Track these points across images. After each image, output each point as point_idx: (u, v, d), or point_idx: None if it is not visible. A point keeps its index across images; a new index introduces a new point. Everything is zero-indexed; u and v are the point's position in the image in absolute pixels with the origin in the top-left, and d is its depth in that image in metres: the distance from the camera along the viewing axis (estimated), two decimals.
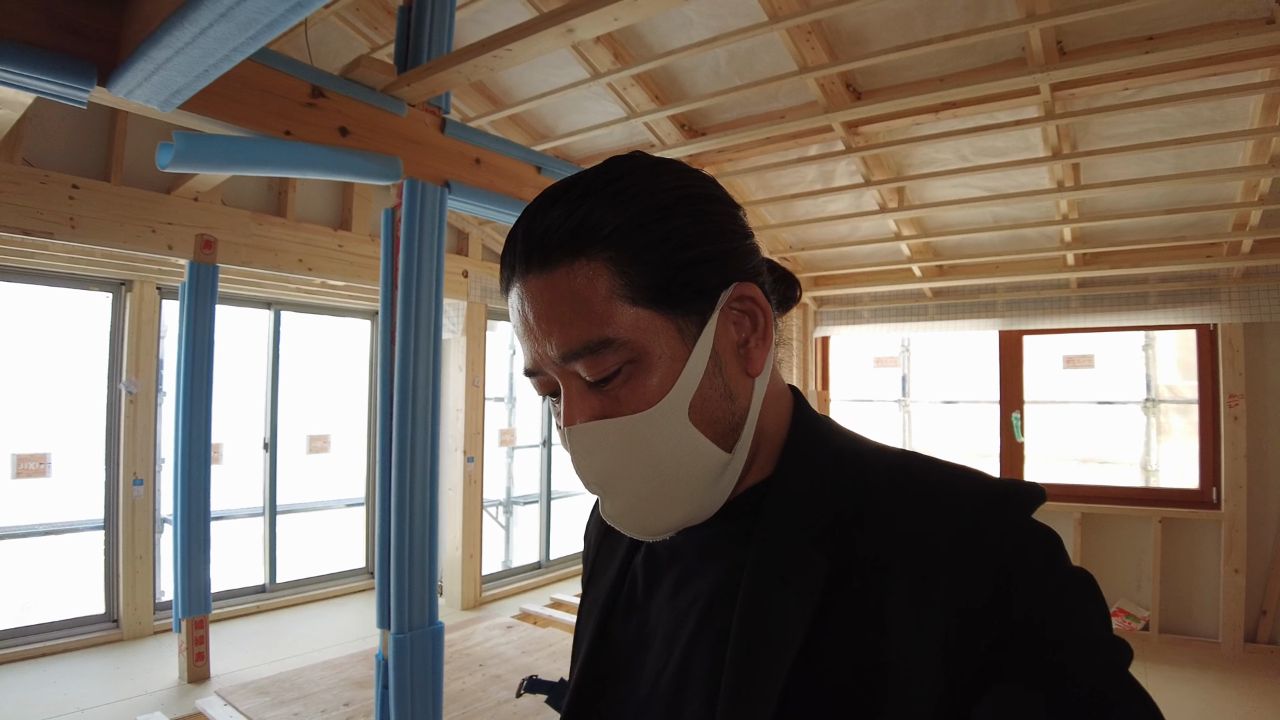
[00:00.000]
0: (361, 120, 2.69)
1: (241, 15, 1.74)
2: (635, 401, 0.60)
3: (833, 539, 0.58)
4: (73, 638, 4.57)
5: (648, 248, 0.60)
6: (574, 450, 0.63)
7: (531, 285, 0.61)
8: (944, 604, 0.52)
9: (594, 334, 0.58)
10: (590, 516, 0.90)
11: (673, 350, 0.60)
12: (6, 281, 4.47)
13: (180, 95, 2.20)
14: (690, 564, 0.68)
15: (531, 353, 0.63)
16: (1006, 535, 0.54)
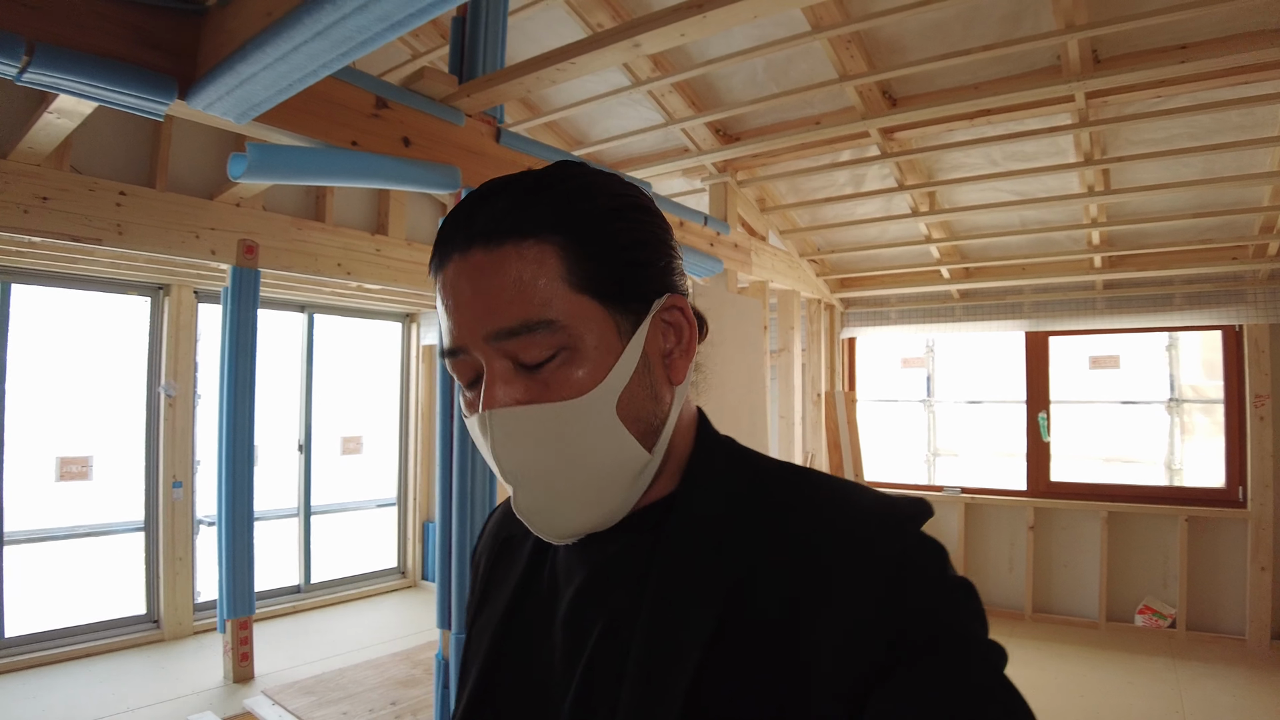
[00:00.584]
0: (423, 130, 2.76)
1: (337, 33, 1.80)
2: (566, 389, 0.59)
3: (735, 554, 0.59)
4: (116, 638, 4.64)
5: (595, 242, 0.61)
6: (494, 437, 0.60)
7: (474, 260, 0.60)
8: (838, 613, 0.53)
9: (535, 314, 0.58)
10: (478, 542, 0.88)
11: (607, 343, 0.61)
12: (50, 286, 4.54)
13: (259, 109, 2.27)
14: (589, 583, 0.66)
15: (459, 331, 0.61)
16: (895, 547, 0.55)
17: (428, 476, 6.33)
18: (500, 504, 0.87)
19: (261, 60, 1.98)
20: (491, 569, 0.79)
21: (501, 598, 0.74)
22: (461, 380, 0.64)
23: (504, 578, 0.76)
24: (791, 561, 0.57)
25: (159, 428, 4.87)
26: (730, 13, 2.13)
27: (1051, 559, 5.42)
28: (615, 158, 4.70)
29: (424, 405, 6.29)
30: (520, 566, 0.74)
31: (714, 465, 0.66)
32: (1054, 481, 5.50)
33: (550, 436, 0.60)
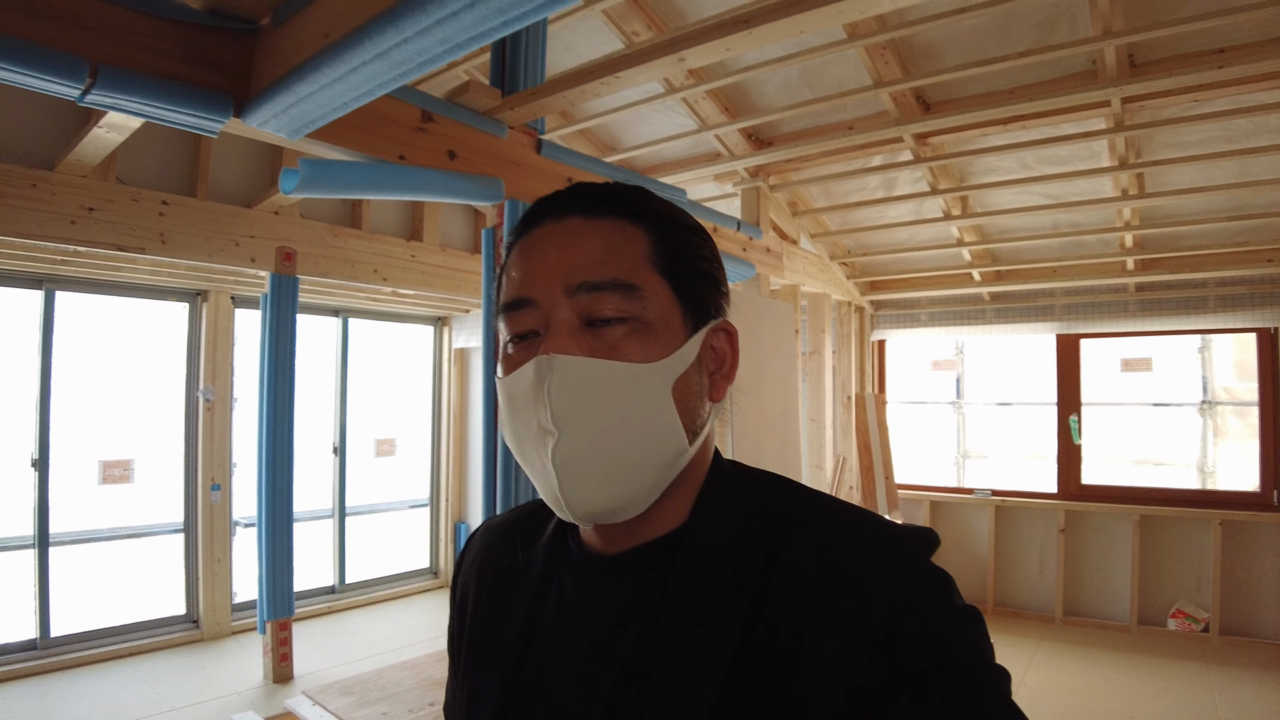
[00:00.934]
0: (467, 143, 2.80)
1: (396, 56, 1.84)
2: (633, 353, 0.61)
3: (749, 581, 0.60)
4: (157, 638, 4.73)
5: (676, 242, 0.66)
6: (553, 380, 0.60)
7: (570, 224, 0.64)
8: (850, 638, 0.54)
9: (621, 275, 0.62)
10: (459, 564, 0.86)
11: (673, 328, 0.64)
12: (92, 294, 4.63)
13: (312, 126, 2.31)
14: (603, 611, 0.66)
15: (535, 282, 0.63)
16: (906, 574, 0.57)
17: (460, 477, 6.39)
18: (479, 527, 0.87)
19: (319, 80, 2.02)
20: (484, 603, 0.77)
21: (506, 640, 0.71)
22: (512, 330, 0.65)
23: (505, 617, 0.73)
24: (802, 589, 0.58)
25: (197, 431, 4.95)
26: (777, 28, 2.15)
27: (1082, 562, 5.40)
28: (647, 163, 4.73)
29: (456, 407, 6.36)
30: (524, 605, 0.71)
31: (726, 493, 0.67)
32: (1085, 484, 5.49)
33: (607, 393, 0.60)
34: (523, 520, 0.81)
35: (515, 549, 0.78)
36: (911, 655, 0.53)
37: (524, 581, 0.74)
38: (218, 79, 2.33)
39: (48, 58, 1.96)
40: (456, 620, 0.82)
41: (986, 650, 0.56)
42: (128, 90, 2.11)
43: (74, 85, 2.03)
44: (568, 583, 0.71)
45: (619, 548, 0.68)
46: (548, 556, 0.74)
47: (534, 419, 0.61)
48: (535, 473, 0.64)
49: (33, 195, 3.53)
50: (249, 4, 2.22)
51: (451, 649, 0.83)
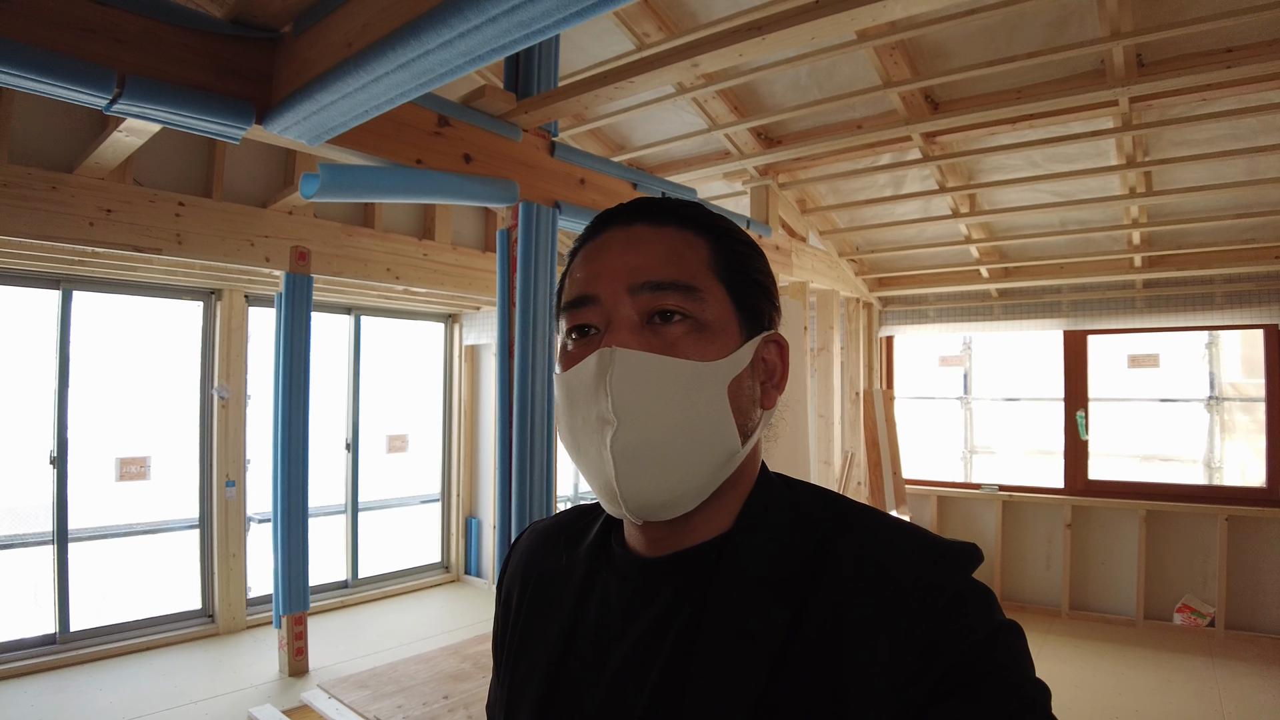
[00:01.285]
0: (482, 146, 2.84)
1: (419, 66, 1.88)
2: (691, 352, 0.64)
3: (792, 589, 0.61)
4: (173, 632, 4.80)
5: (735, 254, 0.69)
6: (615, 372, 0.62)
7: (636, 230, 0.68)
8: (894, 647, 0.55)
9: (683, 277, 0.65)
10: (505, 566, 0.87)
11: (730, 332, 0.66)
12: (108, 293, 4.68)
13: (333, 132, 2.36)
14: (646, 614, 0.67)
15: (600, 280, 0.66)
16: (949, 586, 0.58)
17: (470, 473, 6.45)
18: (526, 529, 0.89)
19: (341, 89, 2.06)
20: (527, 604, 0.78)
21: (548, 641, 0.73)
22: (572, 325, 0.68)
23: (547, 618, 0.75)
24: (845, 598, 0.59)
25: (212, 428, 5.01)
26: (790, 35, 2.19)
27: (1089, 557, 5.44)
28: (656, 162, 4.76)
29: (466, 404, 6.41)
30: (566, 607, 0.73)
31: (770, 502, 0.69)
32: (1092, 480, 5.52)
33: (667, 388, 0.63)
34: (568, 523, 0.83)
35: (560, 551, 0.80)
36: (955, 663, 0.54)
37: (567, 583, 0.75)
38: (240, 87, 2.37)
39: (77, 69, 2.01)
40: (501, 620, 0.83)
41: (1028, 665, 0.56)
42: (154, 99, 2.15)
43: (102, 95, 2.07)
44: (611, 585, 0.72)
45: (663, 551, 0.69)
46: (591, 559, 0.76)
47: (593, 410, 0.64)
48: (590, 464, 0.66)
49: (53, 198, 3.58)
50: (271, 13, 2.26)
51: (495, 649, 0.84)
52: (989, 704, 0.53)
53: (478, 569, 6.38)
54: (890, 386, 6.42)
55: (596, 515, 0.81)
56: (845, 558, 0.62)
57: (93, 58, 2.07)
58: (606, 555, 0.76)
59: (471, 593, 6.13)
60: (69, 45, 2.03)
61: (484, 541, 6.32)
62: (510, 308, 2.93)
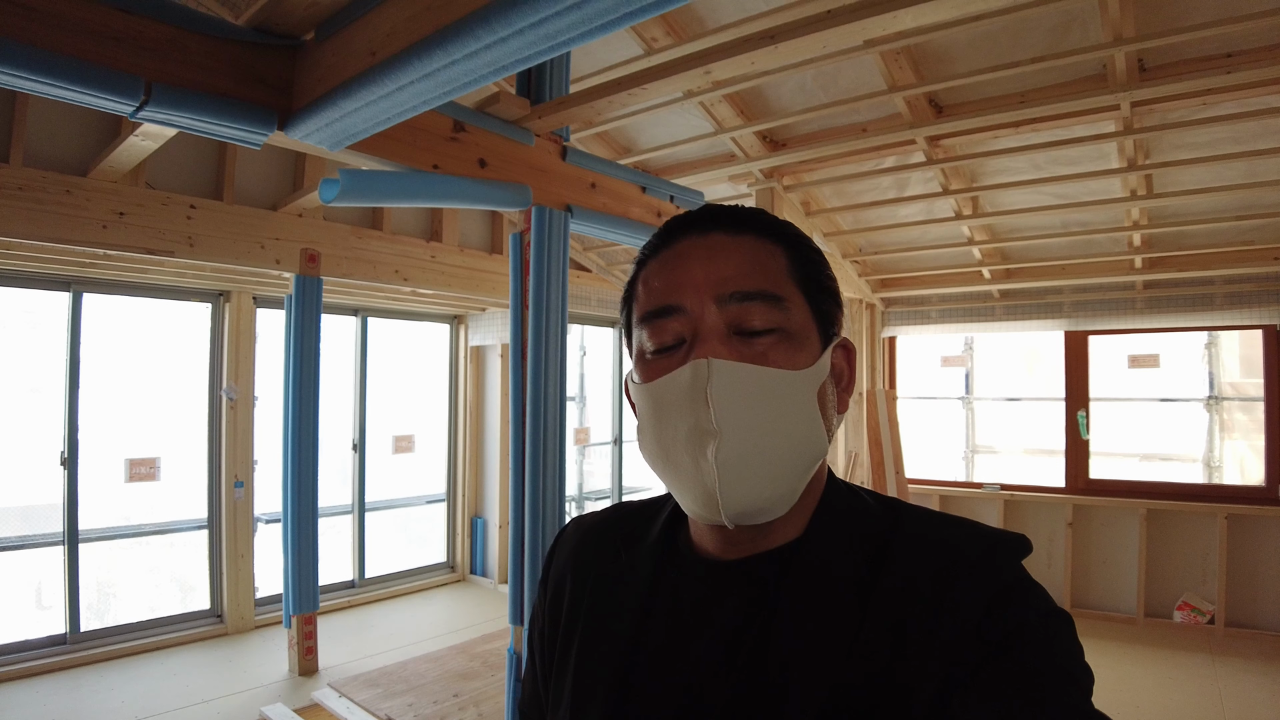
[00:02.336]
0: (496, 151, 2.88)
1: (444, 76, 1.92)
2: (781, 361, 0.65)
3: (861, 590, 0.63)
4: (183, 632, 4.83)
5: (810, 262, 0.71)
6: (715, 384, 0.63)
7: (714, 239, 0.69)
8: (952, 630, 0.58)
9: (770, 287, 0.66)
10: (550, 560, 0.87)
11: (813, 341, 0.68)
12: (118, 295, 4.72)
13: (354, 139, 2.40)
14: (722, 615, 0.68)
15: (683, 290, 0.67)
16: (1005, 571, 0.61)
17: (476, 474, 6.49)
18: (569, 523, 0.90)
19: (365, 97, 2.10)
20: (585, 604, 0.78)
21: (615, 642, 0.72)
22: (655, 341, 0.69)
23: (611, 618, 0.74)
24: (908, 584, 0.62)
25: (221, 429, 5.05)
26: (802, 44, 2.23)
27: (1090, 555, 5.49)
28: (662, 165, 4.80)
29: (472, 404, 6.44)
30: (632, 608, 0.73)
31: (839, 506, 0.71)
32: (1093, 479, 5.57)
33: (763, 397, 0.64)
34: (620, 522, 0.84)
35: (617, 549, 0.80)
36: (1010, 629, 0.57)
37: (630, 583, 0.76)
38: (263, 94, 2.41)
39: (105, 77, 2.05)
40: (547, 617, 0.83)
41: (1077, 650, 0.59)
42: (179, 107, 2.19)
43: (129, 103, 2.12)
44: (681, 585, 0.73)
45: (739, 554, 0.70)
46: (654, 559, 0.76)
47: (688, 421, 0.64)
48: (685, 474, 0.66)
49: (67, 201, 3.62)
50: (294, 21, 2.30)
51: (536, 645, 0.84)
52: (1034, 675, 0.55)
53: (483, 569, 6.41)
54: (893, 387, 6.47)
55: (653, 515, 0.82)
56: (906, 551, 0.65)
57: (120, 66, 2.11)
58: (673, 555, 0.76)
59: (477, 592, 6.17)
60: (97, 54, 2.07)
61: (489, 541, 6.35)
62: (524, 310, 2.97)
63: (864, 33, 2.18)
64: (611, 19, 1.61)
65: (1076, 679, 0.56)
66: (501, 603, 5.77)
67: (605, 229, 3.27)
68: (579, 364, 6.82)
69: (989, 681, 0.55)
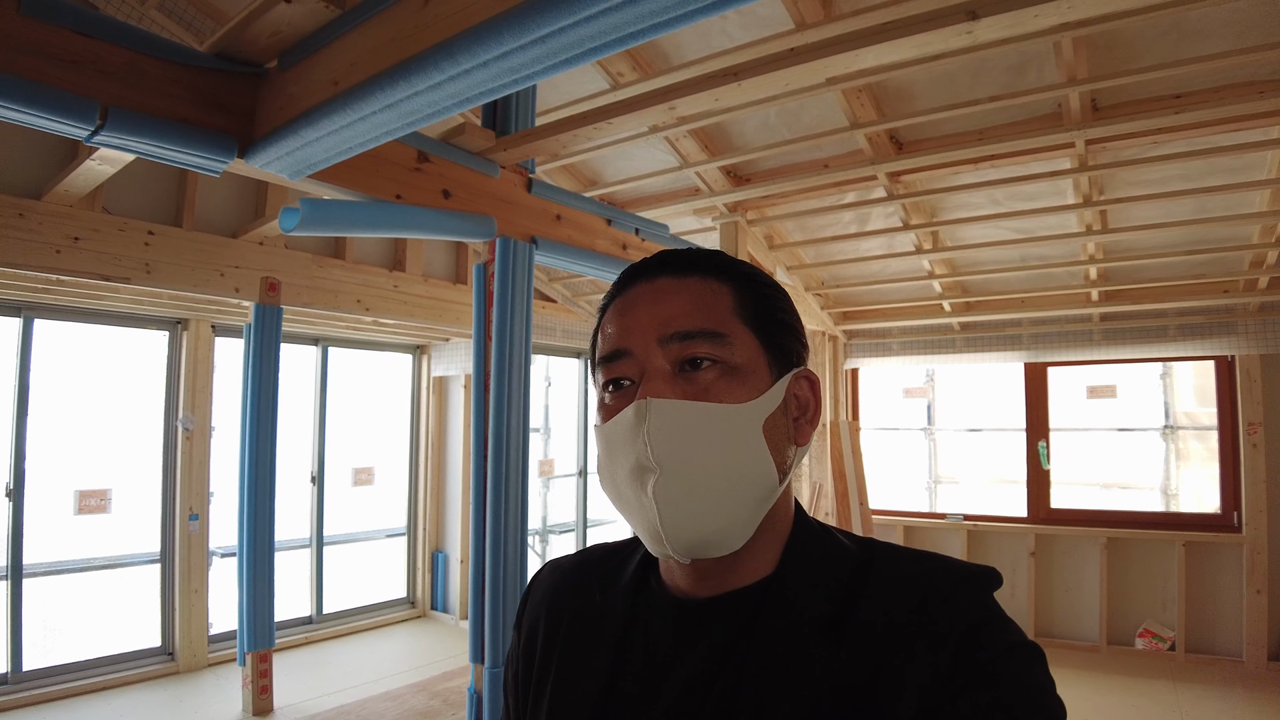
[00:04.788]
0: (461, 182, 2.88)
1: (406, 107, 1.91)
2: (724, 395, 0.66)
3: (834, 626, 0.63)
4: (131, 671, 4.66)
5: (759, 297, 0.71)
6: (651, 422, 0.64)
7: (660, 283, 0.71)
8: (925, 667, 0.58)
9: (710, 325, 0.67)
10: (525, 601, 0.87)
11: (761, 374, 0.68)
12: (72, 321, 4.61)
13: (315, 168, 2.37)
14: (694, 655, 0.68)
15: (631, 334, 0.69)
16: (976, 606, 0.62)
17: (437, 507, 6.39)
18: (545, 565, 0.89)
19: (326, 126, 2.08)
20: (559, 645, 0.78)
21: (589, 683, 0.72)
22: (607, 378, 0.71)
23: (585, 659, 0.74)
24: (882, 618, 0.62)
25: (176, 460, 4.92)
26: (764, 81, 2.27)
27: (1053, 584, 5.54)
28: (628, 198, 4.83)
29: (434, 436, 6.36)
30: (605, 649, 0.73)
31: (810, 545, 0.71)
32: (1054, 508, 5.64)
33: (703, 433, 0.65)
34: (597, 562, 0.84)
35: (592, 591, 0.80)
36: (983, 664, 0.57)
37: (603, 624, 0.76)
38: (223, 121, 2.38)
39: (60, 100, 2.01)
40: (522, 660, 0.82)
41: (1049, 685, 0.59)
42: (136, 132, 2.15)
43: (84, 127, 2.08)
44: (654, 625, 0.73)
45: (709, 592, 0.70)
46: (628, 600, 0.76)
47: (631, 458, 0.66)
48: (632, 510, 0.68)
49: (19, 225, 3.54)
50: (258, 49, 2.28)
51: (511, 688, 0.84)
52: (1008, 710, 0.55)
53: (444, 604, 6.29)
54: (856, 418, 6.51)
55: (629, 555, 0.82)
56: (878, 589, 0.65)
57: (76, 89, 2.07)
58: (646, 596, 0.76)
59: (438, 628, 6.05)
60: (52, 76, 2.03)
61: (451, 576, 6.24)
62: (487, 341, 2.94)
63: (826, 70, 2.22)
64: (576, 54, 1.61)
65: (1051, 713, 0.57)
66: (463, 639, 5.66)
67: (570, 261, 3.26)
68: (544, 395, 6.78)
69: (963, 718, 0.55)
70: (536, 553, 6.53)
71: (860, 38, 2.10)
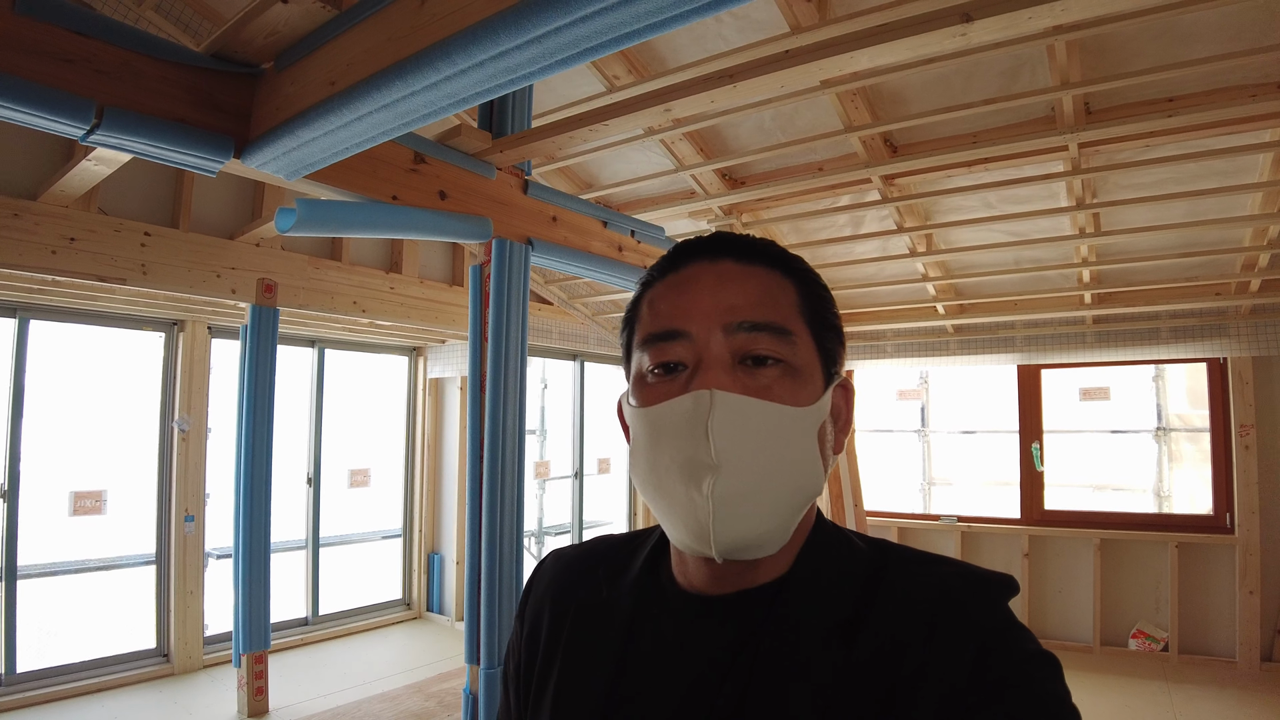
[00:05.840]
0: (457, 184, 2.89)
1: (403, 107, 1.92)
2: (784, 396, 0.64)
3: (847, 628, 0.62)
4: (126, 673, 4.65)
5: (818, 299, 0.70)
6: (716, 415, 0.61)
7: (724, 266, 0.67)
8: (942, 673, 0.57)
9: (779, 319, 0.65)
10: (529, 590, 0.86)
11: (816, 379, 0.67)
12: (67, 323, 4.60)
13: (311, 168, 2.38)
14: (706, 651, 0.67)
15: (691, 315, 0.65)
16: (994, 613, 0.61)
17: (433, 508, 6.39)
18: (549, 555, 0.88)
19: (323, 126, 2.09)
20: (564, 638, 0.76)
21: (596, 677, 0.71)
22: (656, 360, 0.67)
23: (592, 653, 0.73)
24: (900, 623, 0.61)
25: (172, 462, 4.92)
26: (759, 83, 2.28)
27: (1046, 585, 5.56)
28: (623, 200, 4.84)
29: (430, 438, 6.37)
30: (613, 642, 0.72)
31: (827, 546, 0.70)
32: (1047, 510, 5.66)
33: (764, 433, 0.62)
34: (603, 554, 0.82)
35: (598, 584, 0.78)
36: (1001, 675, 0.57)
37: (610, 618, 0.74)
38: (220, 121, 2.39)
39: (55, 99, 2.02)
40: (524, 651, 0.80)
41: (1064, 694, 0.58)
42: (132, 131, 2.16)
43: (80, 126, 2.09)
44: (664, 620, 0.71)
45: (726, 589, 0.69)
46: (637, 594, 0.74)
47: (685, 451, 0.63)
48: (675, 503, 0.64)
49: (15, 225, 3.54)
50: (254, 49, 2.29)
51: (513, 680, 0.82)
52: (1023, 717, 0.55)
53: (440, 606, 6.29)
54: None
55: (637, 548, 0.80)
56: (894, 592, 0.64)
57: (72, 88, 2.08)
58: (656, 589, 0.75)
59: (434, 630, 6.05)
60: (48, 75, 2.04)
61: (446, 577, 6.24)
62: (483, 342, 2.95)
63: (821, 73, 2.23)
64: (571, 54, 1.63)
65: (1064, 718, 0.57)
66: (458, 641, 5.66)
67: (566, 262, 3.27)
68: (540, 397, 6.79)
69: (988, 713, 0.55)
70: (532, 554, 6.52)
71: (855, 40, 2.12)
